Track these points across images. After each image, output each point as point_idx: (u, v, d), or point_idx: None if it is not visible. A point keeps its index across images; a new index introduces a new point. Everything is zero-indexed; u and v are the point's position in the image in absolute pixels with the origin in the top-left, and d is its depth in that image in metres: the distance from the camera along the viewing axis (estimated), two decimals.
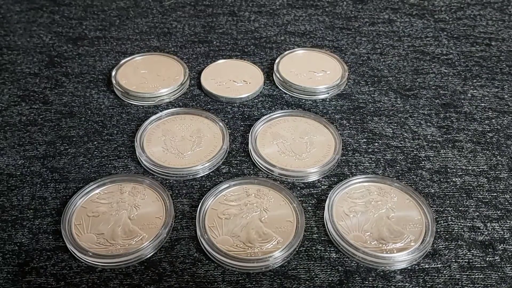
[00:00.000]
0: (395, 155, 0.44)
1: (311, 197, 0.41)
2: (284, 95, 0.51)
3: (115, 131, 0.46)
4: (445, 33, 0.59)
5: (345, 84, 0.51)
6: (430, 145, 0.45)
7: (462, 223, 0.39)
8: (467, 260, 0.36)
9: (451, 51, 0.56)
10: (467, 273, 0.36)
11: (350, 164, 0.43)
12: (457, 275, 0.35)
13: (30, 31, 0.59)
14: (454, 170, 0.43)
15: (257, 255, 0.35)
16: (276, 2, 0.65)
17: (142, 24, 0.60)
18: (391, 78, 0.52)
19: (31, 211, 0.39)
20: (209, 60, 0.55)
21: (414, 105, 0.49)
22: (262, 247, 0.36)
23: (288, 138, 0.45)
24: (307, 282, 0.35)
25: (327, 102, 0.50)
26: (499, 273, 0.36)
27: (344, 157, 0.44)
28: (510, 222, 0.39)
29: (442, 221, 0.39)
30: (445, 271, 0.36)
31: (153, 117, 0.46)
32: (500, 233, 0.38)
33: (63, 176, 0.42)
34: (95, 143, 0.45)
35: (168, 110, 0.47)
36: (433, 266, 0.36)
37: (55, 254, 0.36)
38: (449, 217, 0.39)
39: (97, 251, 0.36)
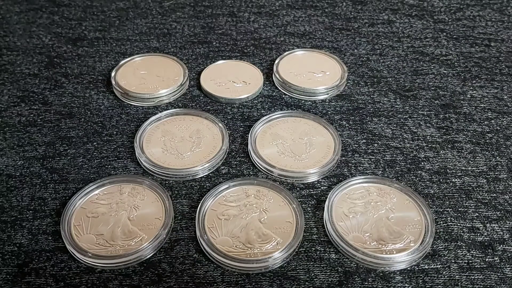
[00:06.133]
0: (394, 155, 0.44)
1: (311, 198, 0.41)
2: (283, 96, 0.51)
3: (115, 132, 0.46)
4: (444, 34, 0.59)
5: (345, 85, 0.51)
6: (429, 145, 0.45)
7: (462, 223, 0.39)
8: (466, 261, 0.36)
9: (450, 52, 0.56)
10: (466, 274, 0.36)
11: (350, 165, 0.43)
12: (457, 276, 0.35)
13: (29, 31, 0.59)
14: (454, 171, 0.43)
15: (257, 256, 0.35)
16: (275, 3, 0.65)
17: (142, 25, 0.60)
18: (390, 79, 0.52)
19: (31, 212, 0.39)
20: (209, 61, 0.55)
21: (413, 106, 0.49)
22: (261, 248, 0.36)
23: (287, 139, 0.45)
24: (306, 283, 0.35)
25: (327, 103, 0.50)
26: (499, 274, 0.36)
27: (343, 158, 0.44)
28: (509, 223, 0.39)
29: (441, 222, 0.39)
30: (444, 272, 0.36)
31: (153, 118, 0.46)
32: (500, 234, 0.38)
33: (62, 176, 0.42)
34: (94, 143, 0.45)
35: (168, 111, 0.47)
36: (432, 267, 0.36)
37: (54, 255, 0.36)
38: (449, 218, 0.39)
39: (96, 252, 0.36)
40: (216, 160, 0.43)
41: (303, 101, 0.50)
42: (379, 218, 0.38)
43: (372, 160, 0.44)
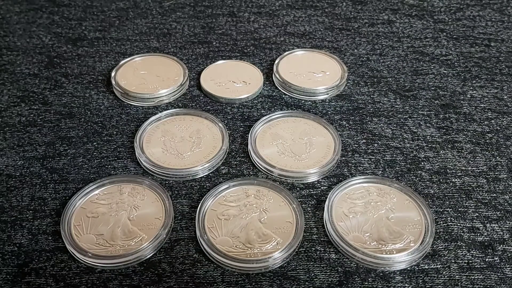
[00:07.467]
0: (394, 155, 0.44)
1: (311, 198, 0.41)
2: (283, 96, 0.51)
3: (115, 132, 0.46)
4: (444, 34, 0.59)
5: (345, 85, 0.51)
6: (429, 145, 0.45)
7: (462, 223, 0.39)
8: (466, 261, 0.36)
9: (450, 52, 0.56)
10: (466, 274, 0.36)
11: (350, 165, 0.43)
12: (457, 276, 0.35)
13: (29, 31, 0.59)
14: (454, 171, 0.43)
15: (257, 256, 0.35)
16: (275, 3, 0.65)
17: (142, 25, 0.60)
18: (390, 79, 0.52)
19: (31, 212, 0.39)
20: (209, 61, 0.55)
21: (413, 105, 0.49)
22: (261, 248, 0.36)
23: (287, 139, 0.45)
24: (306, 283, 0.35)
25: (327, 103, 0.50)
26: (499, 274, 0.36)
27: (343, 158, 0.44)
28: (509, 223, 0.39)
29: (441, 222, 0.39)
30: (444, 272, 0.36)
31: (153, 117, 0.46)
32: (500, 234, 0.38)
33: (62, 176, 0.42)
34: (94, 143, 0.45)
35: (168, 111, 0.47)
36: (432, 267, 0.36)
37: (54, 255, 0.36)
38: (449, 218, 0.39)
39: (96, 252, 0.36)
40: (216, 160, 0.43)
41: (303, 101, 0.50)
42: (379, 218, 0.38)
43: (372, 160, 0.44)
